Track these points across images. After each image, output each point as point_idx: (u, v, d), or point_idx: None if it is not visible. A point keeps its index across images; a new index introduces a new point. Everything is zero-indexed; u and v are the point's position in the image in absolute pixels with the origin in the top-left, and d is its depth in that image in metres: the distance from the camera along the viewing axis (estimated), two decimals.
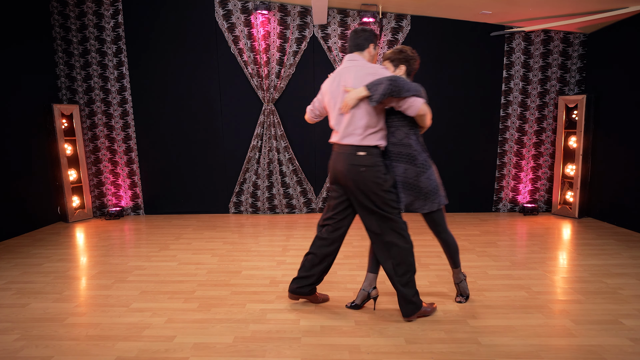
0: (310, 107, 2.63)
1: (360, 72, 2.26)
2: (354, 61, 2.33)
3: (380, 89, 2.14)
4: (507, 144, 5.26)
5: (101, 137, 5.25)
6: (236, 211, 5.47)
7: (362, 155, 2.27)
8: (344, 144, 2.32)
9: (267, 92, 5.09)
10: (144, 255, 3.76)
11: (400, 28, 4.99)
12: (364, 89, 2.18)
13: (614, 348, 2.14)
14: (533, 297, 2.76)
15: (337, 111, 2.34)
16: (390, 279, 2.40)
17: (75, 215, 5.09)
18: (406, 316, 2.42)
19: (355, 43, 2.36)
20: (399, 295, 2.40)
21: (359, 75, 2.25)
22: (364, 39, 2.35)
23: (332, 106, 2.38)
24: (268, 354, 2.13)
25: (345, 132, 2.30)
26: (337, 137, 2.37)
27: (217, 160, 5.35)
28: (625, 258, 3.53)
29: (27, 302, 2.79)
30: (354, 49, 2.38)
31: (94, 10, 4.97)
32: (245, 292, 2.90)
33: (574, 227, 4.61)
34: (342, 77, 2.31)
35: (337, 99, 2.33)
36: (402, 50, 2.44)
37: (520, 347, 2.16)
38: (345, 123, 2.29)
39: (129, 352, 2.16)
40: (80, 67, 5.10)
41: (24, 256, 3.76)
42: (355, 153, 2.28)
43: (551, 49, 5.02)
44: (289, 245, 4.04)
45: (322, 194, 5.41)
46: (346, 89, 2.25)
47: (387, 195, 2.30)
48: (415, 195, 2.38)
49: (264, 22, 4.94)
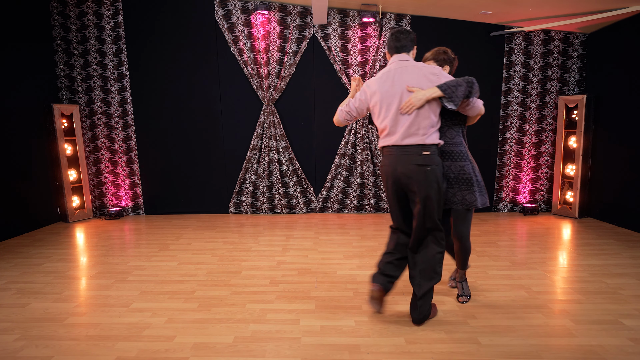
0: (345, 109, 2.44)
1: (420, 72, 2.23)
2: (406, 61, 2.29)
3: (461, 92, 2.14)
4: (507, 144, 5.26)
5: (101, 137, 5.25)
6: (236, 211, 5.47)
7: (427, 155, 2.23)
8: (406, 145, 2.24)
9: (267, 92, 5.09)
10: (144, 255, 3.76)
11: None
12: (437, 90, 2.15)
13: (614, 348, 2.14)
14: (533, 297, 2.76)
15: (394, 111, 2.24)
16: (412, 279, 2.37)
17: (75, 215, 5.09)
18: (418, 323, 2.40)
19: (402, 44, 2.32)
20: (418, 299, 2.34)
21: (420, 76, 2.22)
22: (409, 41, 2.33)
23: (385, 106, 2.28)
24: (268, 354, 2.13)
25: (407, 133, 2.23)
26: (395, 138, 2.27)
27: (217, 160, 5.35)
28: (625, 258, 3.53)
29: (27, 302, 2.79)
30: (401, 50, 2.33)
31: (94, 10, 4.97)
32: (245, 292, 2.90)
33: (574, 227, 4.61)
34: (398, 77, 2.24)
35: (394, 99, 2.24)
36: (445, 51, 2.51)
37: (520, 347, 2.16)
38: (408, 123, 2.22)
39: (129, 352, 2.16)
40: (80, 67, 5.10)
41: (24, 256, 3.76)
42: (420, 153, 2.22)
43: (551, 49, 5.02)
44: (289, 245, 4.04)
45: (322, 194, 5.41)
46: (410, 89, 2.20)
47: (441, 199, 2.31)
48: (469, 190, 2.44)
49: (264, 22, 4.94)
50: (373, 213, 5.39)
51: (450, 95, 2.13)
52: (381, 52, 5.01)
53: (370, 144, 5.23)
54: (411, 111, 2.20)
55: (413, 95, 2.18)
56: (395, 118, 2.25)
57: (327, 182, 5.37)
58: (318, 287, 2.97)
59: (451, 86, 2.14)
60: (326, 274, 3.24)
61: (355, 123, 5.14)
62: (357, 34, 5.00)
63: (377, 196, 5.37)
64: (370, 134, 5.20)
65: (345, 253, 3.75)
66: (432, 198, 2.24)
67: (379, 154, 5.22)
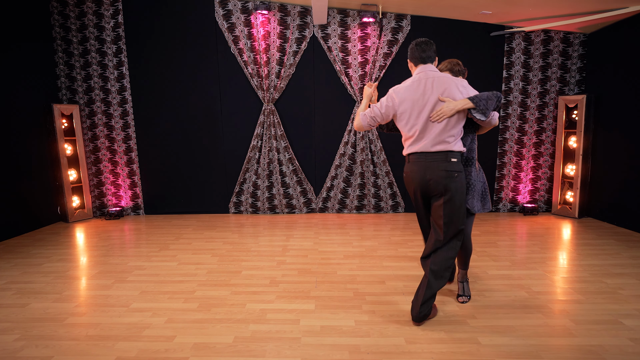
0: (369, 114, 2.48)
1: (452, 83, 2.32)
2: (434, 72, 2.37)
3: (491, 105, 2.27)
4: (507, 144, 5.26)
5: (101, 137, 5.25)
6: (236, 211, 5.47)
7: (454, 162, 2.33)
8: (435, 152, 2.33)
9: (267, 92, 5.09)
10: (144, 255, 3.76)
11: (400, 28, 4.99)
12: (469, 102, 2.25)
13: (614, 348, 2.14)
14: (533, 297, 2.76)
15: (425, 119, 2.32)
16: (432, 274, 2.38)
17: (75, 215, 5.09)
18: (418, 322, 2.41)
19: (427, 55, 2.40)
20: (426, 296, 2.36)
21: (452, 87, 2.31)
22: (433, 52, 2.41)
23: (415, 114, 2.35)
24: (268, 354, 2.13)
25: (436, 140, 2.32)
26: (423, 145, 2.35)
27: (217, 160, 5.35)
28: (625, 258, 3.53)
29: (27, 302, 2.79)
30: (427, 61, 2.41)
31: (94, 10, 4.97)
32: (245, 292, 2.90)
33: (574, 227, 4.61)
34: (429, 87, 2.32)
35: (425, 107, 2.32)
36: (458, 63, 2.64)
37: (520, 347, 2.16)
38: (438, 131, 2.31)
39: (129, 352, 2.16)
40: (80, 67, 5.10)
41: (24, 256, 3.76)
42: (449, 159, 2.32)
43: (551, 49, 5.02)
44: (289, 245, 4.04)
45: (322, 194, 5.42)
46: (443, 99, 2.28)
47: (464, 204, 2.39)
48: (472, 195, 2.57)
49: (264, 22, 4.94)
50: (373, 213, 5.39)
51: (482, 108, 2.25)
52: (381, 52, 5.01)
53: (370, 144, 5.23)
54: (442, 120, 2.29)
55: (445, 105, 2.27)
56: (425, 125, 2.34)
57: (327, 182, 5.37)
58: (318, 287, 2.97)
59: (483, 99, 2.25)
60: (326, 274, 3.25)
61: None
62: (357, 34, 5.00)
63: (377, 196, 5.37)
64: (370, 134, 5.20)
65: (345, 253, 3.75)
66: (456, 203, 2.33)
67: (379, 154, 5.22)
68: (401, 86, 2.41)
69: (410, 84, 2.38)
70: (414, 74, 2.42)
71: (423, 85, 2.34)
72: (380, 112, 2.45)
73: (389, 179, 5.31)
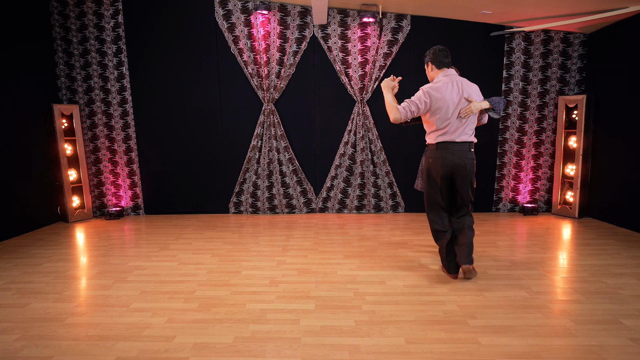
0: (409, 108, 2.86)
1: (475, 87, 2.92)
2: (457, 76, 2.90)
3: (502, 106, 2.88)
4: (507, 144, 5.26)
5: (101, 137, 5.25)
6: (236, 211, 5.47)
7: (472, 151, 2.94)
8: (462, 141, 2.88)
9: (267, 92, 5.09)
10: (144, 255, 3.76)
11: (400, 28, 4.99)
12: (487, 103, 2.85)
13: (614, 348, 2.14)
14: (533, 297, 2.76)
15: (456, 115, 2.84)
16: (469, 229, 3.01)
17: (75, 215, 5.09)
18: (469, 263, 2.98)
19: (449, 60, 2.94)
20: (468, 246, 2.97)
21: (477, 90, 2.91)
22: (451, 58, 2.96)
23: (449, 110, 2.84)
24: (268, 354, 2.13)
25: (462, 132, 2.88)
26: (453, 136, 2.87)
27: (217, 160, 5.35)
28: (625, 258, 3.53)
29: (27, 302, 2.79)
30: (449, 65, 2.96)
31: (94, 10, 4.97)
32: (245, 292, 2.90)
33: (574, 227, 4.61)
34: (461, 88, 2.84)
35: (457, 105, 2.83)
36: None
37: (520, 347, 2.16)
38: (464, 125, 2.87)
39: (129, 352, 2.16)
40: (80, 67, 5.10)
41: (24, 256, 3.76)
42: (470, 149, 2.92)
43: (551, 49, 5.02)
44: (289, 245, 4.04)
45: (322, 194, 5.42)
46: (469, 99, 2.82)
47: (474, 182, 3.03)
48: None
49: (264, 22, 4.94)
50: (373, 213, 5.39)
51: (497, 109, 2.86)
52: (381, 52, 5.01)
53: (370, 144, 5.24)
54: (468, 116, 2.84)
55: (473, 104, 2.82)
56: (455, 121, 2.86)
57: (327, 182, 5.37)
58: (318, 287, 2.97)
59: (497, 102, 2.86)
60: (326, 274, 3.25)
61: (355, 123, 5.15)
62: (357, 34, 5.00)
63: (377, 196, 5.37)
64: (370, 134, 5.20)
65: (345, 253, 3.75)
66: (471, 181, 2.95)
67: (379, 154, 5.22)
68: (436, 86, 2.85)
69: (443, 85, 2.84)
70: (439, 76, 2.91)
71: (456, 87, 2.84)
72: (419, 107, 2.87)
73: (389, 179, 5.31)
